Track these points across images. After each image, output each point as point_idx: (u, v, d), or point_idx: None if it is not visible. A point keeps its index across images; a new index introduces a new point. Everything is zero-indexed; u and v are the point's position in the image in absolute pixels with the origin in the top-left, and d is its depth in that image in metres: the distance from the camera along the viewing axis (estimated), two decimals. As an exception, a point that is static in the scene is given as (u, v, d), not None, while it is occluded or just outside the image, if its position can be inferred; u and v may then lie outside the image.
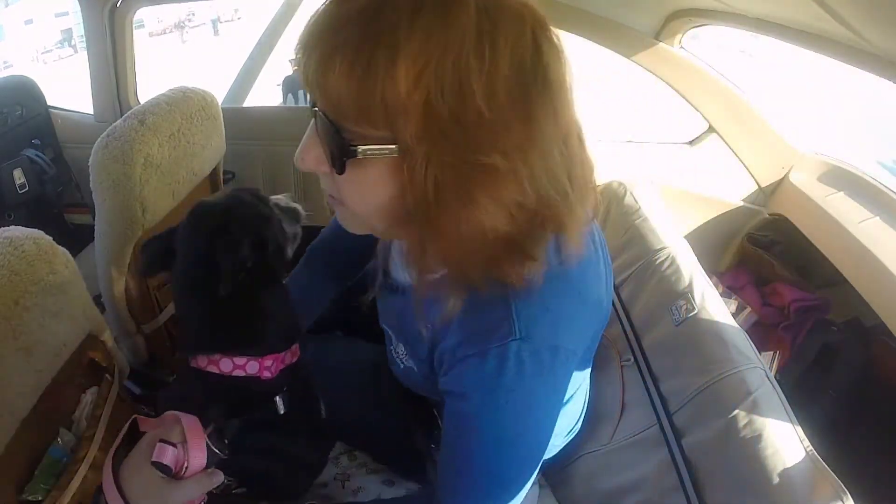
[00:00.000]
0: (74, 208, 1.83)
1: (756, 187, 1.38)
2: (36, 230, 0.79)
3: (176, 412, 0.61)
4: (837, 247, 1.10)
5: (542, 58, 0.45)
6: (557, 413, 0.62)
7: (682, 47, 1.35)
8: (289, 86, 4.96)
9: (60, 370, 0.81)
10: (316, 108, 0.48)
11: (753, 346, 0.82)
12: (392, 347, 0.74)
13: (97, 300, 0.97)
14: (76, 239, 1.61)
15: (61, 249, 0.82)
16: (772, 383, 0.74)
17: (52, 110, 1.79)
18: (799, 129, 1.42)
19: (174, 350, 1.24)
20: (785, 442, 0.66)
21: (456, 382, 0.57)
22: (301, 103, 5.22)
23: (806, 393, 1.10)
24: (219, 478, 0.58)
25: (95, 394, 0.90)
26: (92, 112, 1.76)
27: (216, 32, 13.21)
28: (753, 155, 1.36)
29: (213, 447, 0.59)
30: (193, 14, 14.43)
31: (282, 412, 0.71)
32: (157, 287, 1.15)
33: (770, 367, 1.02)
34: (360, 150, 0.46)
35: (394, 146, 0.45)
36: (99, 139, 0.98)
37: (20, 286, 0.72)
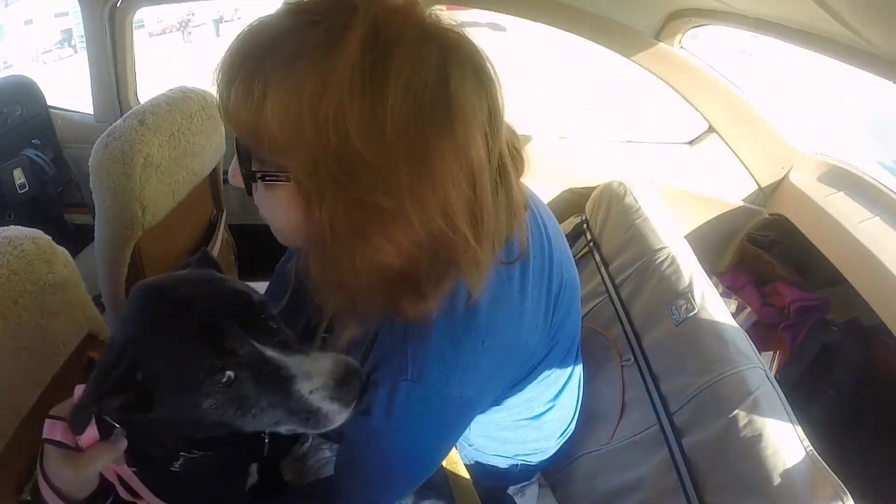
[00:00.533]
0: (74, 208, 1.83)
1: (756, 187, 1.38)
2: (35, 230, 0.79)
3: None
4: (837, 247, 1.10)
5: (447, 88, 0.43)
6: (451, 445, 0.65)
7: (682, 47, 1.35)
8: None
9: (60, 370, 0.81)
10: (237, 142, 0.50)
11: (753, 346, 0.82)
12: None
13: (97, 300, 0.97)
14: (76, 239, 1.61)
15: (61, 249, 0.82)
16: (772, 383, 0.74)
17: (52, 110, 1.79)
18: (799, 129, 1.42)
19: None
20: (785, 442, 0.66)
21: (364, 396, 0.57)
22: None
23: (806, 393, 1.10)
24: (122, 444, 0.59)
25: (95, 394, 0.90)
26: (92, 112, 1.76)
27: (218, 33, 13.17)
28: (753, 155, 1.36)
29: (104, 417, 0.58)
30: (193, 14, 14.43)
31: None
32: (156, 287, 1.15)
33: (770, 367, 1.02)
34: (258, 175, 0.48)
35: (288, 178, 0.47)
36: (99, 139, 0.98)
37: (19, 286, 0.72)
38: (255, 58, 0.44)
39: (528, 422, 0.77)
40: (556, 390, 0.78)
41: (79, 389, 0.60)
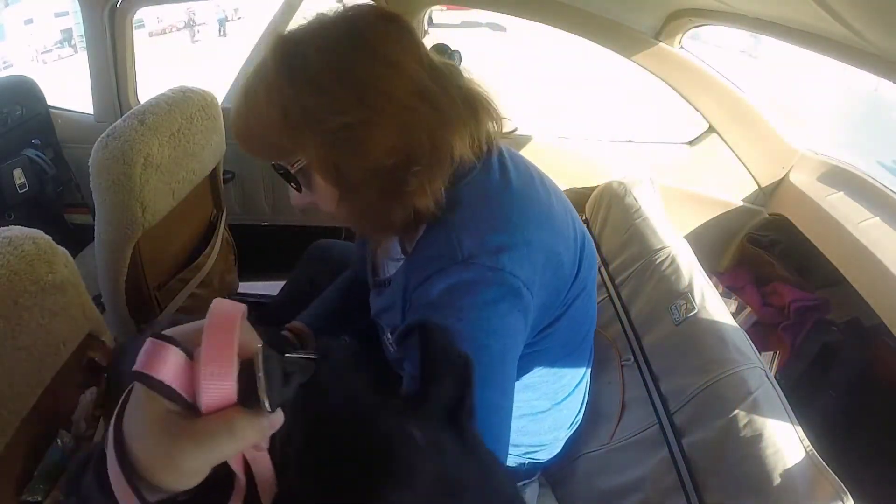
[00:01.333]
0: (74, 208, 1.83)
1: (756, 187, 1.38)
2: (36, 230, 0.79)
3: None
4: (837, 247, 1.10)
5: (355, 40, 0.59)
6: (518, 347, 0.64)
7: (682, 47, 1.35)
8: None
9: (60, 370, 0.81)
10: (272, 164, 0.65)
11: (753, 346, 0.82)
12: (384, 337, 0.77)
13: (97, 300, 0.97)
14: (76, 239, 1.61)
15: (61, 249, 0.82)
16: (772, 383, 0.74)
17: (52, 110, 1.79)
18: (799, 129, 1.42)
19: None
20: (785, 442, 0.66)
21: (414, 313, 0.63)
22: None
23: (806, 393, 1.10)
24: (279, 419, 0.30)
25: (94, 394, 0.90)
26: (92, 112, 1.76)
27: (223, 33, 13.12)
28: (753, 155, 1.36)
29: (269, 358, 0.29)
30: (194, 13, 14.42)
31: None
32: (157, 287, 1.15)
33: (770, 367, 1.02)
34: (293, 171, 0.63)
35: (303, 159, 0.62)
36: (99, 139, 0.98)
37: (19, 286, 0.72)
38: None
39: (550, 408, 0.81)
40: (577, 379, 0.82)
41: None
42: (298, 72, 0.57)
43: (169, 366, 0.28)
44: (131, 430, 0.29)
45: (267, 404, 0.28)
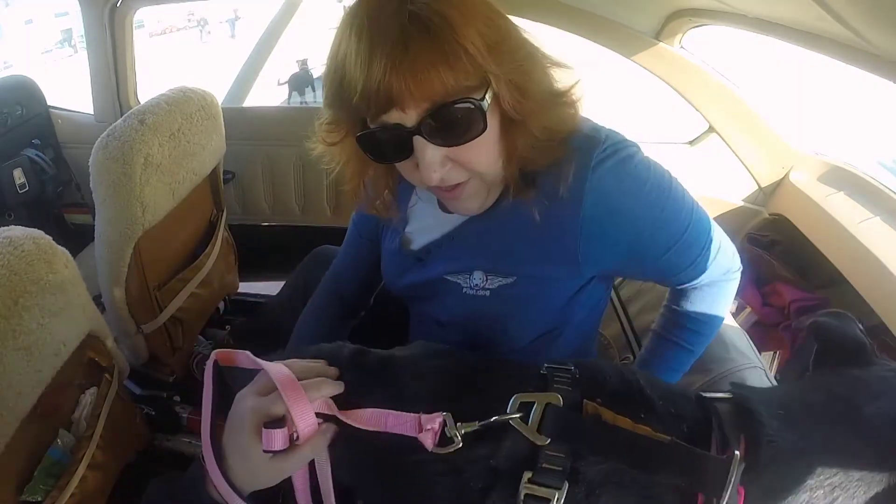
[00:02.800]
0: (74, 208, 1.83)
1: (756, 187, 1.38)
2: (36, 230, 0.79)
3: (263, 364, 0.51)
4: (837, 247, 1.10)
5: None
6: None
7: (682, 47, 1.35)
8: (294, 84, 5.11)
9: (60, 370, 0.81)
10: (425, 119, 0.54)
11: (753, 346, 0.82)
12: (464, 288, 0.71)
13: (97, 300, 0.97)
14: (76, 239, 1.61)
15: (61, 249, 0.82)
16: (772, 383, 0.74)
17: (52, 110, 1.79)
18: (799, 129, 1.42)
19: (174, 350, 1.24)
20: (785, 442, 0.66)
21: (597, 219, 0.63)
22: (308, 100, 5.27)
23: (806, 393, 1.10)
24: (331, 430, 0.50)
25: (95, 394, 0.90)
26: (92, 112, 1.76)
27: (233, 34, 13.01)
28: (753, 155, 1.36)
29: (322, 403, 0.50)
30: (193, 14, 14.41)
31: None
32: (157, 287, 1.14)
33: (770, 368, 1.02)
34: (483, 104, 0.54)
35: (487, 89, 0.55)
36: (99, 139, 0.98)
37: (20, 286, 0.72)
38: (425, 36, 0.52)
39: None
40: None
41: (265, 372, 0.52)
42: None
43: (280, 440, 0.48)
44: (240, 474, 0.50)
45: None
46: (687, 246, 0.66)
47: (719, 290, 0.75)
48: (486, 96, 0.54)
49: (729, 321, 0.87)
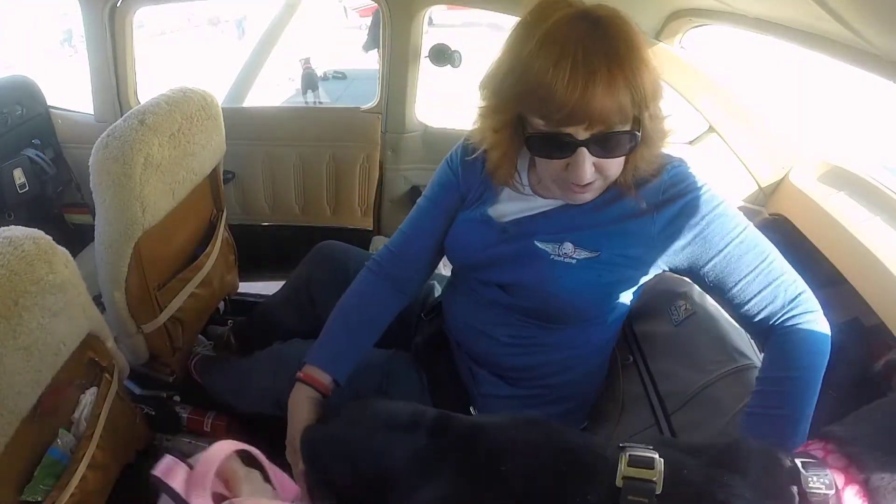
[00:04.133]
0: (74, 208, 1.83)
1: (756, 187, 1.38)
2: (36, 230, 0.79)
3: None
4: (837, 247, 1.10)
5: None
6: None
7: (682, 47, 1.35)
8: (308, 82, 5.28)
9: (60, 370, 0.81)
10: (598, 133, 0.70)
11: (754, 346, 0.82)
12: (552, 255, 0.81)
13: (97, 300, 0.97)
14: (76, 239, 1.61)
15: (61, 249, 0.82)
16: (771, 383, 0.74)
17: (53, 110, 1.79)
18: (799, 129, 1.42)
19: (174, 350, 1.24)
20: (785, 442, 0.66)
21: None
22: (321, 97, 5.38)
23: (806, 393, 1.10)
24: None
25: (95, 394, 0.90)
26: (92, 112, 1.76)
27: (241, 35, 12.85)
28: (753, 155, 1.36)
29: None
30: (193, 14, 14.36)
31: None
32: (157, 287, 1.14)
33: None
34: (638, 134, 0.72)
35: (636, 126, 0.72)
36: (99, 139, 0.98)
37: (20, 286, 0.72)
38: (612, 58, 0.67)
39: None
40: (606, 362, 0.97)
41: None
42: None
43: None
44: None
45: None
46: (744, 249, 0.76)
47: (796, 337, 0.75)
48: (640, 126, 0.71)
49: (729, 321, 0.87)
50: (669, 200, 0.78)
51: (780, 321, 0.75)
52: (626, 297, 0.86)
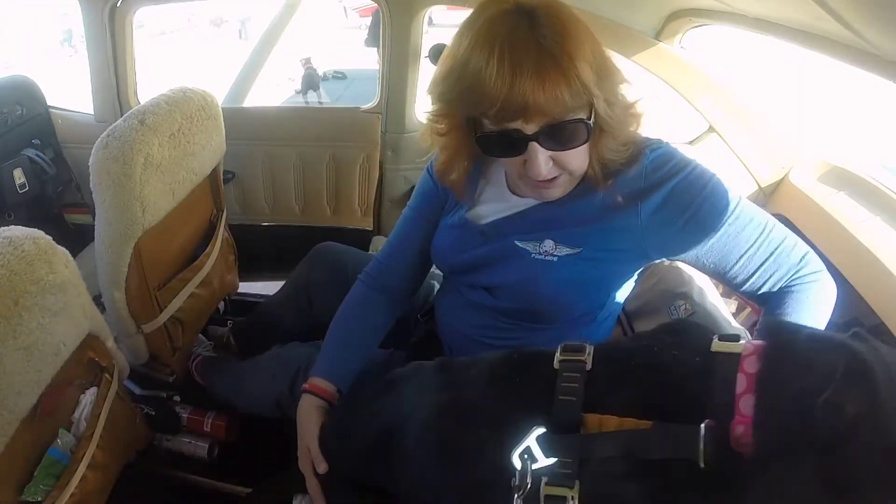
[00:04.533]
0: (74, 208, 1.83)
1: (756, 187, 1.38)
2: (36, 230, 0.79)
3: None
4: (837, 247, 1.10)
5: None
6: None
7: (682, 47, 1.35)
8: (308, 82, 5.34)
9: (60, 370, 0.81)
10: (543, 130, 0.67)
11: (753, 346, 0.81)
12: (533, 253, 0.80)
13: (97, 300, 0.97)
14: (76, 239, 1.62)
15: (61, 249, 0.82)
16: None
17: (53, 110, 1.79)
18: (800, 129, 1.42)
19: (174, 350, 1.24)
20: (785, 442, 0.65)
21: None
22: (322, 97, 5.43)
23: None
24: None
25: (95, 394, 0.90)
26: (92, 112, 1.76)
27: (244, 36, 12.77)
28: (753, 155, 1.36)
29: None
30: (193, 15, 14.35)
31: None
32: (157, 287, 1.14)
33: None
34: (591, 122, 0.69)
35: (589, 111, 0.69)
36: (99, 139, 0.98)
37: (20, 286, 0.72)
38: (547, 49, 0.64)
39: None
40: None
41: None
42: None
43: None
44: None
45: None
46: (741, 224, 0.74)
47: (799, 296, 0.76)
48: (592, 114, 0.69)
49: (729, 321, 0.87)
50: (654, 187, 0.74)
51: (786, 286, 0.76)
52: (619, 294, 0.85)
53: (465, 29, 0.69)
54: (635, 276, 0.86)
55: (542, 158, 0.69)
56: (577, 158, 0.72)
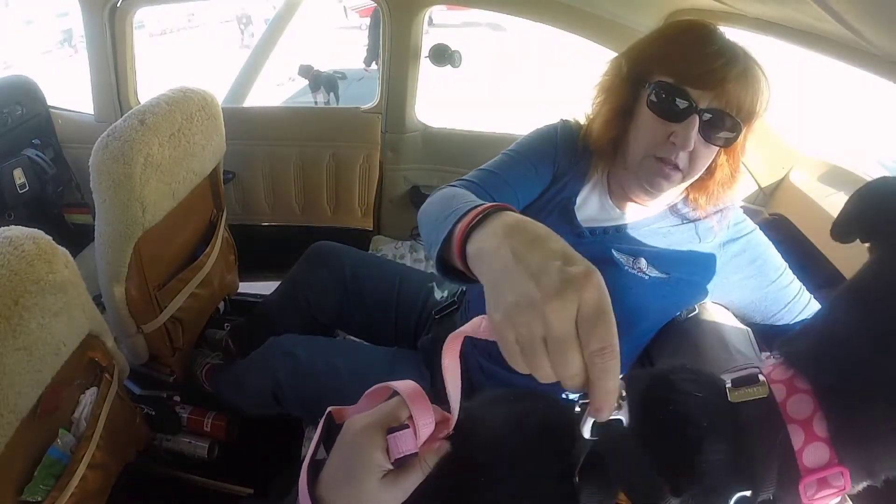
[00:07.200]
0: (74, 208, 1.83)
1: (756, 187, 1.38)
2: (36, 230, 0.79)
3: (382, 385, 0.51)
4: (837, 247, 1.10)
5: None
6: None
7: (682, 47, 1.34)
8: (316, 82, 5.35)
9: (60, 370, 0.81)
10: (711, 112, 0.75)
11: (756, 345, 0.82)
12: (626, 266, 0.84)
13: (97, 300, 0.97)
14: (76, 239, 1.61)
15: (61, 249, 0.82)
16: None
17: (53, 110, 1.79)
18: (799, 129, 1.42)
19: (174, 350, 1.24)
20: (785, 442, 0.65)
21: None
22: (320, 100, 5.41)
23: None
24: (444, 446, 0.46)
25: (95, 394, 0.91)
26: (92, 112, 1.76)
27: (246, 35, 12.68)
28: (753, 155, 1.36)
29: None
30: (193, 15, 14.37)
31: None
32: (157, 287, 1.15)
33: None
34: (738, 136, 0.78)
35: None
36: (99, 139, 0.98)
37: (20, 286, 0.72)
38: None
39: None
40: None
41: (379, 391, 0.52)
42: None
43: (408, 443, 0.45)
44: (336, 480, 0.45)
45: None
46: (788, 277, 0.86)
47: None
48: (744, 133, 0.78)
49: (730, 321, 0.87)
50: (736, 235, 0.86)
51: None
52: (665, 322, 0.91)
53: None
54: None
55: (693, 131, 0.74)
56: (704, 160, 0.79)
